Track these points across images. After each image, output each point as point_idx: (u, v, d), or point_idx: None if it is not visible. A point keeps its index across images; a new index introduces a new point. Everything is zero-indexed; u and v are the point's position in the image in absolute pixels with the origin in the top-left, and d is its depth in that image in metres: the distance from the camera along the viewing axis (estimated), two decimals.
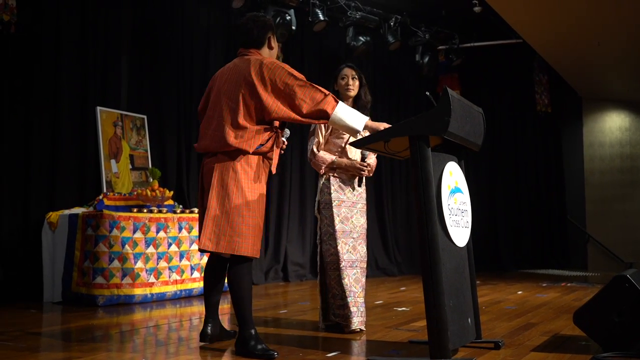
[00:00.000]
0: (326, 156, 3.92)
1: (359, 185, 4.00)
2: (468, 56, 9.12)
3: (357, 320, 3.77)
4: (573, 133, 9.94)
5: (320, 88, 3.09)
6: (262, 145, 3.12)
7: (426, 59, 8.60)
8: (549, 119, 9.77)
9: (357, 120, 3.13)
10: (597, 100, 9.78)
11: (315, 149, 3.94)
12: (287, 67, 3.11)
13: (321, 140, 3.97)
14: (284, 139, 3.35)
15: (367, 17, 7.66)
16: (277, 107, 3.07)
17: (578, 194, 9.78)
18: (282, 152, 3.36)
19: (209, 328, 3.28)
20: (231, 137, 3.07)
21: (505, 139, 9.85)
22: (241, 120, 3.07)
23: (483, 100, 9.60)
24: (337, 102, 3.08)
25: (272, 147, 3.18)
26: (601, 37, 6.95)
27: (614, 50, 7.42)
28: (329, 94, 3.08)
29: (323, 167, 3.91)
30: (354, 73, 4.02)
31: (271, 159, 3.21)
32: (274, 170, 3.26)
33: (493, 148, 9.73)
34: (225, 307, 4.92)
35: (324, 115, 3.07)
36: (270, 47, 3.32)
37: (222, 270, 3.29)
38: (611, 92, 9.44)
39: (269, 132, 3.15)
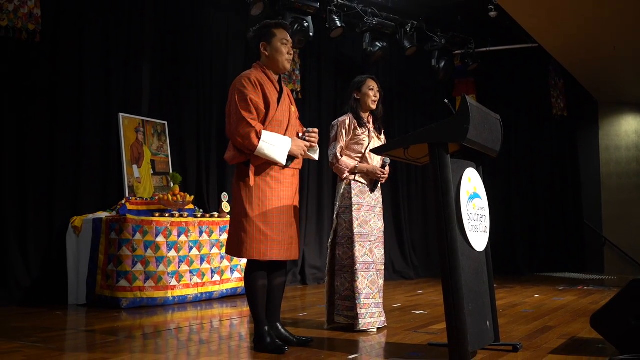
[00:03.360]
0: (349, 161, 4.06)
1: (373, 191, 4.11)
2: (484, 60, 9.15)
3: (363, 322, 3.89)
4: (589, 136, 9.92)
5: (253, 124, 3.26)
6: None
7: (442, 64, 8.65)
8: (564, 122, 9.77)
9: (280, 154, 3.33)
10: (613, 104, 9.78)
11: (338, 154, 4.06)
12: (245, 95, 3.29)
13: (343, 145, 4.09)
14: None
15: (384, 23, 7.73)
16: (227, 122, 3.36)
17: (594, 197, 9.75)
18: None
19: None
20: (228, 152, 3.42)
21: (521, 142, 9.86)
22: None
23: (499, 104, 9.66)
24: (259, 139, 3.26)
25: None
26: (615, 40, 6.98)
27: (629, 54, 7.44)
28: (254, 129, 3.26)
29: (346, 172, 4.02)
30: (378, 87, 4.17)
31: (270, 165, 3.38)
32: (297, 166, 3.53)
33: (509, 151, 9.74)
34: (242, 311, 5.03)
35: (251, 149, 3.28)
36: (266, 56, 3.46)
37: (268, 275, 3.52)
38: (627, 95, 9.43)
39: None
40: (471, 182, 3.14)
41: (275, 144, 3.29)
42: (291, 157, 3.39)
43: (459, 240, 2.91)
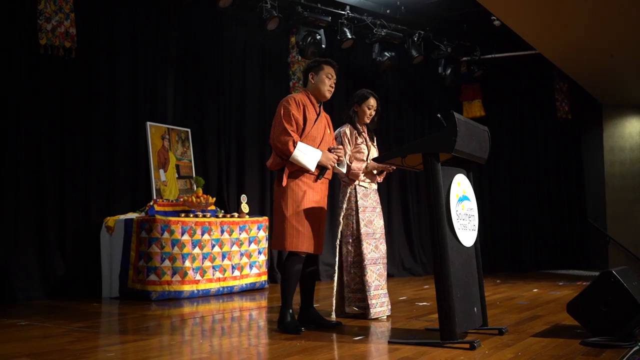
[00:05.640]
0: (359, 165, 4.52)
1: (380, 181, 4.66)
2: (489, 67, 9.50)
3: (374, 311, 4.39)
4: (593, 138, 10.19)
5: (292, 134, 3.87)
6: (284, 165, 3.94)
7: (448, 71, 9.03)
8: (569, 125, 10.05)
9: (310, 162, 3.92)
10: (617, 106, 10.04)
11: (347, 162, 4.51)
12: (288, 110, 3.92)
13: (350, 153, 4.56)
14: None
15: (392, 34, 8.14)
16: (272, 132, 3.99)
17: (599, 197, 10.03)
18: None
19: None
20: (270, 159, 4.06)
21: (527, 144, 10.17)
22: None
23: (505, 108, 10.08)
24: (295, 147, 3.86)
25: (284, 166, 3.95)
26: (613, 46, 7.28)
27: (628, 59, 7.74)
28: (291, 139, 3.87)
29: (360, 174, 4.50)
30: (377, 106, 4.64)
31: (304, 173, 3.97)
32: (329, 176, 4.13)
33: (515, 153, 10.09)
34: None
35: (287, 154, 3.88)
36: (312, 83, 4.14)
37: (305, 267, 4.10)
38: (630, 98, 9.70)
39: None
40: (460, 186, 3.60)
41: (307, 153, 3.90)
42: (322, 169, 4.00)
43: (449, 237, 3.37)
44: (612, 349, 3.30)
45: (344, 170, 4.26)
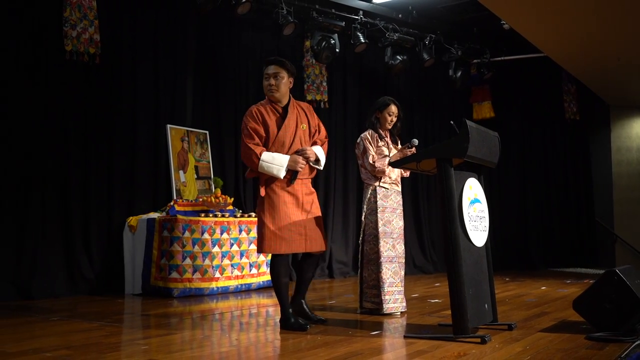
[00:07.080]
0: (383, 161, 4.72)
1: (406, 172, 4.84)
2: (499, 69, 9.65)
3: (387, 307, 4.60)
4: (601, 139, 10.30)
5: (252, 148, 4.00)
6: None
7: (459, 74, 9.19)
8: (577, 125, 10.22)
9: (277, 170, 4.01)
10: (624, 107, 10.15)
11: (371, 162, 4.74)
12: (246, 126, 4.06)
13: (374, 154, 4.76)
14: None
15: (404, 38, 8.32)
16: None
17: (606, 196, 10.14)
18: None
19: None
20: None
21: (535, 145, 10.34)
22: None
23: (514, 109, 10.25)
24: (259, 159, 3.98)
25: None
26: (615, 47, 7.41)
27: (634, 61, 7.87)
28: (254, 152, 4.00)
29: (386, 169, 4.70)
30: (398, 112, 4.85)
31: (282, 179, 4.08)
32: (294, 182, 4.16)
33: (524, 154, 10.25)
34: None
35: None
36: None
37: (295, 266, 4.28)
38: (637, 99, 9.80)
39: None
40: (472, 189, 3.80)
41: (272, 162, 3.99)
42: (294, 174, 4.06)
43: (461, 237, 3.57)
44: (614, 343, 3.49)
45: (321, 167, 4.26)
